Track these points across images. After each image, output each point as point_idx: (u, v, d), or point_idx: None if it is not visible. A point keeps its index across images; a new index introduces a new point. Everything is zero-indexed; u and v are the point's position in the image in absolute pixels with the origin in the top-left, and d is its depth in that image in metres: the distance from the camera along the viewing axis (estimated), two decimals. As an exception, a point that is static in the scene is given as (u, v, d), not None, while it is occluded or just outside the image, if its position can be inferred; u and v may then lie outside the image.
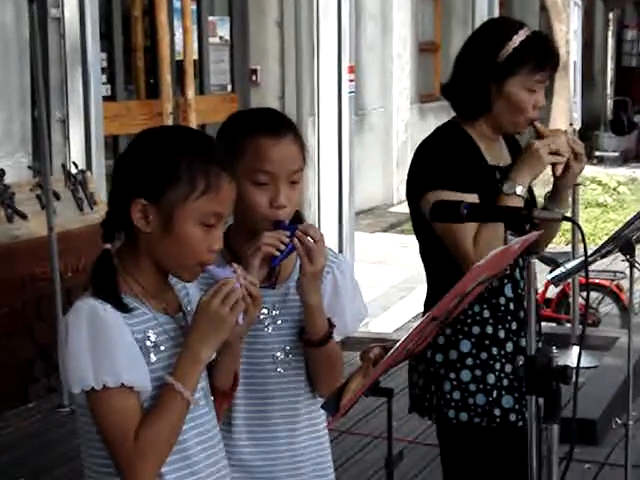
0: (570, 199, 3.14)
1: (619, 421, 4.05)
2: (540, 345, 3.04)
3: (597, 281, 7.26)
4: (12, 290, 5.64)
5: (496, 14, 12.38)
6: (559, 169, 2.99)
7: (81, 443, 2.16)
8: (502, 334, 3.02)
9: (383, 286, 9.13)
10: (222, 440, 2.25)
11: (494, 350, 3.01)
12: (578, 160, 3.01)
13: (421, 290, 3.25)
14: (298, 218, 2.41)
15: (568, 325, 6.85)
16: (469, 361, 3.01)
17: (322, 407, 2.44)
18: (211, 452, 2.18)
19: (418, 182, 3.01)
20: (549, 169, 3.04)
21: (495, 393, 3.00)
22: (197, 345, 2.07)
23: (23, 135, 6.52)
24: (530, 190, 3.09)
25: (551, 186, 3.12)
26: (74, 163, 6.51)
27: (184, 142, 2.13)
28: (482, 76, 2.99)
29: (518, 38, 2.98)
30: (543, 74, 3.00)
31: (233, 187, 2.13)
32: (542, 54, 3.00)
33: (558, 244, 9.00)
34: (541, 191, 3.23)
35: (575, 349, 6.27)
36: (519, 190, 2.94)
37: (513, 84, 2.97)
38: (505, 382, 3.01)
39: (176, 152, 2.09)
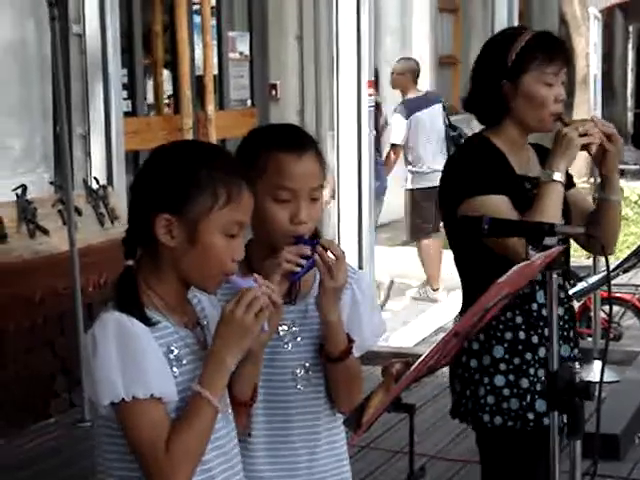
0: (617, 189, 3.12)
1: (642, 436, 4.02)
2: (576, 352, 3.13)
3: (618, 295, 7.22)
4: (33, 305, 5.65)
5: (516, 27, 12.37)
6: (593, 149, 3.01)
7: (98, 456, 2.14)
8: (535, 339, 3.05)
9: (403, 300, 9.12)
10: (239, 452, 2.24)
11: (527, 355, 3.04)
12: (613, 141, 3.03)
13: (441, 304, 3.25)
14: (316, 235, 2.40)
15: (590, 339, 6.81)
16: (502, 366, 3.04)
17: (344, 423, 2.43)
18: (228, 465, 2.18)
19: (453, 193, 3.04)
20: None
21: (529, 397, 3.03)
22: (223, 353, 2.08)
23: (45, 151, 6.55)
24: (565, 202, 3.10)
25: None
26: (95, 178, 6.53)
27: (201, 154, 2.15)
28: (496, 78, 3.05)
29: (524, 38, 3.06)
30: (555, 66, 3.04)
31: (251, 196, 2.15)
32: (550, 46, 3.06)
33: (579, 258, 8.96)
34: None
35: (597, 364, 6.23)
36: (557, 176, 2.97)
37: (528, 80, 3.02)
38: (538, 387, 3.04)
39: (195, 164, 2.11)
